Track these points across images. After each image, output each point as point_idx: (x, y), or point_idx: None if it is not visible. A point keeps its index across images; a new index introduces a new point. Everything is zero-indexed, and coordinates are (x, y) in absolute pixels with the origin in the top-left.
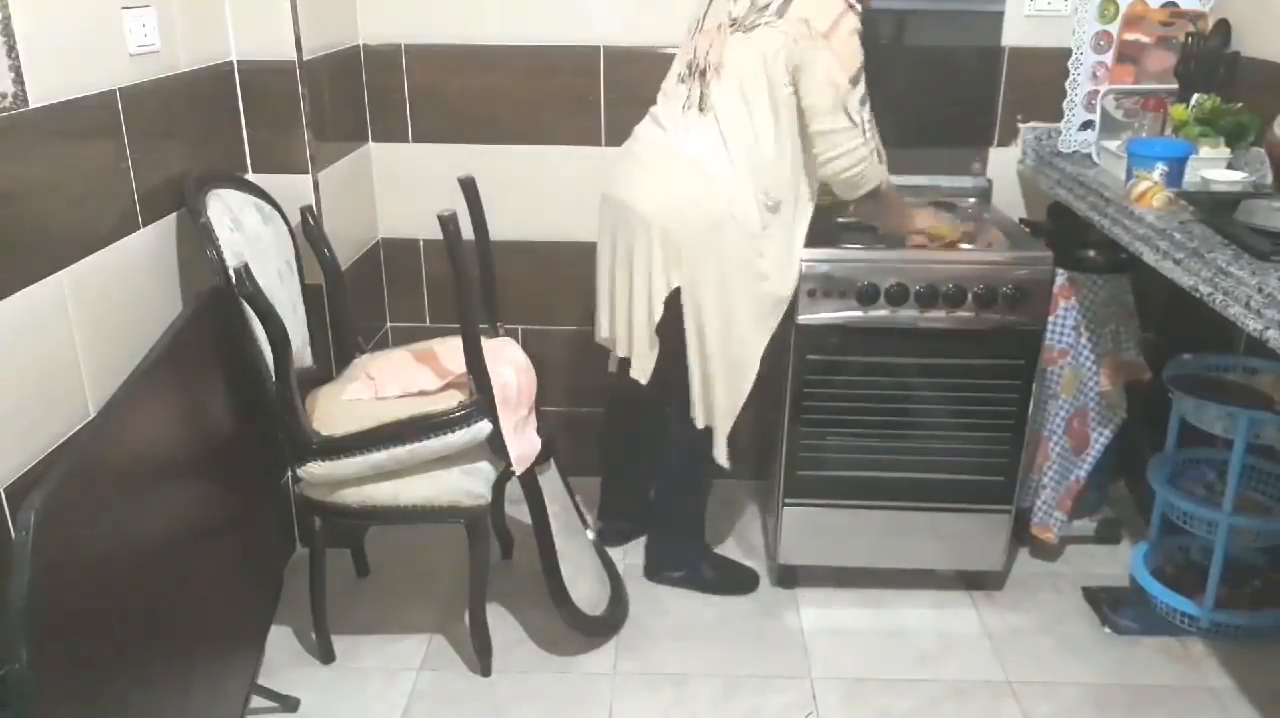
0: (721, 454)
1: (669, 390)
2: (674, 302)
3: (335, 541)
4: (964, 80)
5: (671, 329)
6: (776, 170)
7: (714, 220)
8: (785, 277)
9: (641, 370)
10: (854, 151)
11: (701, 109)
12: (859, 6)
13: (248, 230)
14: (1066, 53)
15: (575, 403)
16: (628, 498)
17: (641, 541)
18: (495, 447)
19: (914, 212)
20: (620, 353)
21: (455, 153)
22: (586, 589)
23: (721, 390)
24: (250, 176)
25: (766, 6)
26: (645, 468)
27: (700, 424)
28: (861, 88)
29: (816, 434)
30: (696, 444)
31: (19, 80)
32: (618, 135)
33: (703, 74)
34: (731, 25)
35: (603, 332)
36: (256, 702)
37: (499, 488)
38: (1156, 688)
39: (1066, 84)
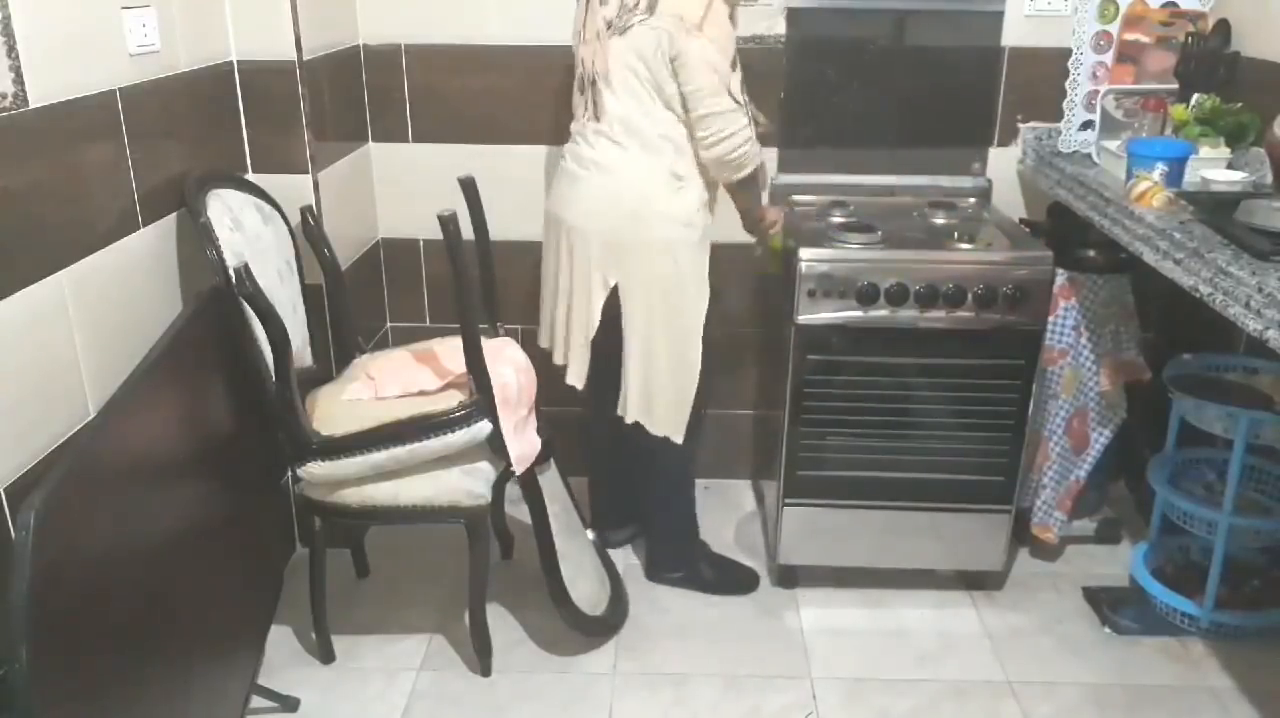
0: (670, 427)
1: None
2: (611, 304)
3: (335, 540)
4: (964, 80)
5: (613, 332)
6: (680, 157)
7: (632, 212)
8: (700, 250)
9: (577, 376)
10: (739, 133)
11: (598, 117)
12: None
13: (248, 230)
14: (1066, 53)
15: (575, 403)
16: (617, 507)
17: (641, 541)
18: (495, 447)
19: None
20: (558, 361)
21: (455, 153)
22: (586, 589)
23: (665, 369)
24: (250, 177)
25: (635, 6)
26: (629, 473)
27: (631, 418)
28: (739, 71)
29: (816, 434)
30: (675, 447)
31: (19, 80)
32: None
33: (593, 83)
34: (608, 29)
35: (542, 342)
36: (256, 702)
37: (499, 488)
38: (1156, 688)
39: (1066, 84)
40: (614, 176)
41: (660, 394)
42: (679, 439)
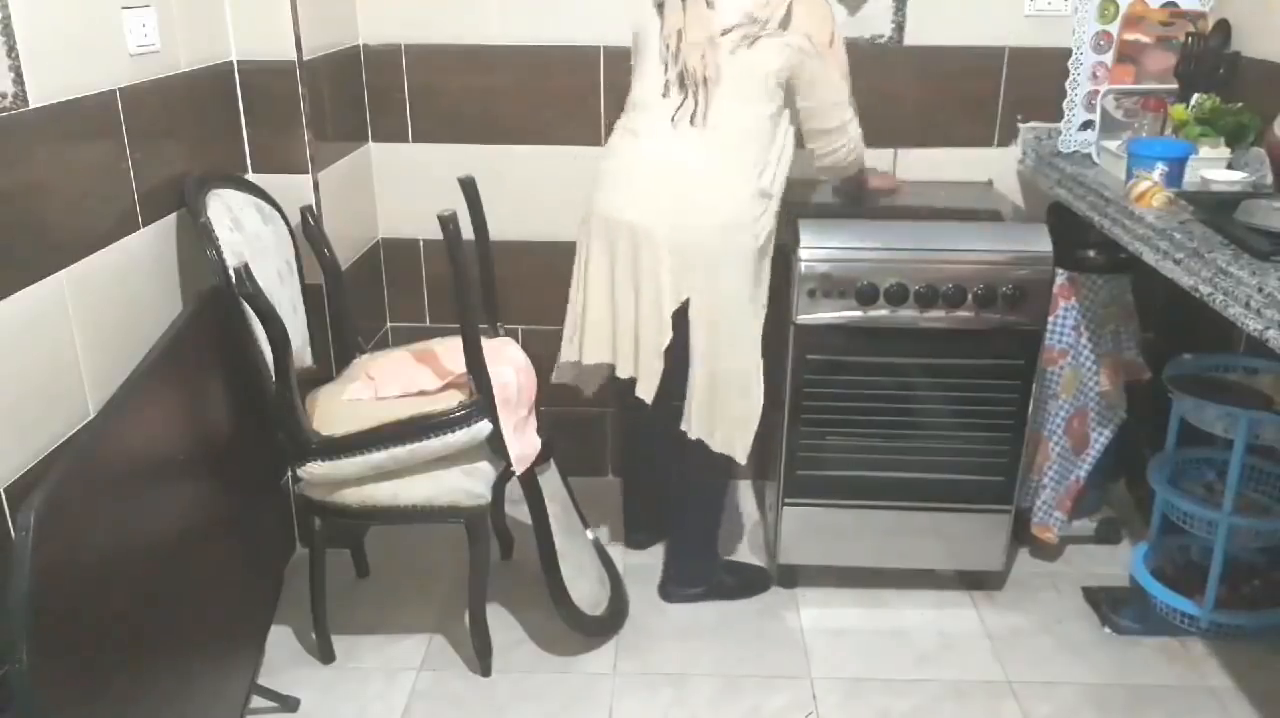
0: (742, 454)
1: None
2: (679, 317)
3: (335, 541)
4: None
5: (675, 345)
6: (774, 172)
7: (719, 226)
8: (768, 258)
9: (648, 390)
10: (856, 145)
11: (696, 121)
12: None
13: (248, 230)
14: (1066, 53)
15: (575, 403)
16: (649, 510)
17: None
18: (495, 447)
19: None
20: (624, 373)
21: (455, 153)
22: (586, 589)
23: (736, 396)
24: (250, 177)
25: (767, 21)
26: (665, 481)
27: (694, 435)
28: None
29: (816, 434)
30: (716, 463)
31: (19, 80)
32: None
33: (699, 85)
34: (723, 35)
35: (592, 356)
36: (256, 702)
37: (499, 488)
38: (1156, 688)
39: (1066, 84)
40: (708, 184)
41: (725, 411)
42: (743, 460)
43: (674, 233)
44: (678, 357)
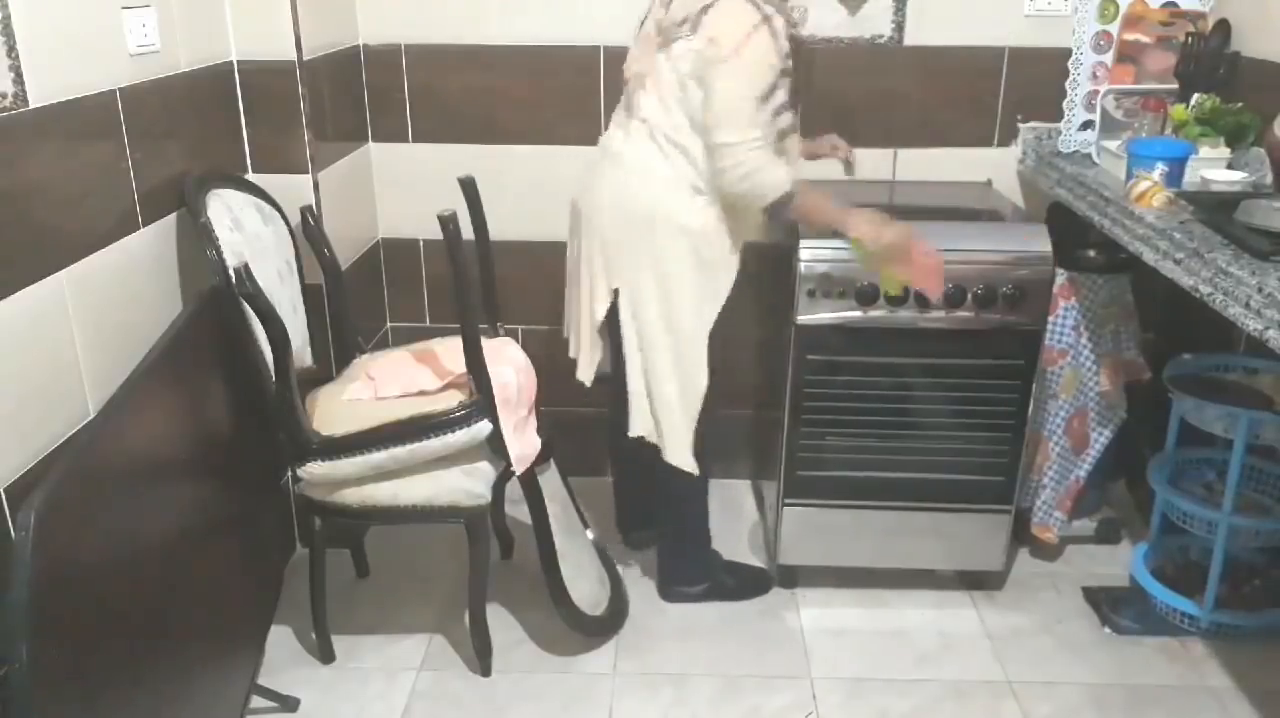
0: (682, 457)
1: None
2: (615, 306)
3: (335, 541)
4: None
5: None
6: (700, 174)
7: (644, 217)
8: (728, 266)
9: (585, 372)
10: (751, 166)
11: (630, 114)
12: (777, 22)
13: (248, 230)
14: (1066, 53)
15: (575, 403)
16: (641, 507)
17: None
18: (495, 447)
19: (842, 215)
20: (572, 353)
21: (455, 153)
22: (586, 589)
23: (674, 392)
24: (250, 177)
25: (684, 21)
26: (649, 477)
27: (634, 432)
28: (773, 101)
29: (816, 434)
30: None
31: (19, 80)
32: None
33: (630, 81)
34: (658, 35)
35: (566, 333)
36: (256, 702)
37: (499, 488)
38: (1156, 688)
39: (1066, 84)
40: (634, 173)
41: (666, 416)
42: (694, 471)
43: (604, 219)
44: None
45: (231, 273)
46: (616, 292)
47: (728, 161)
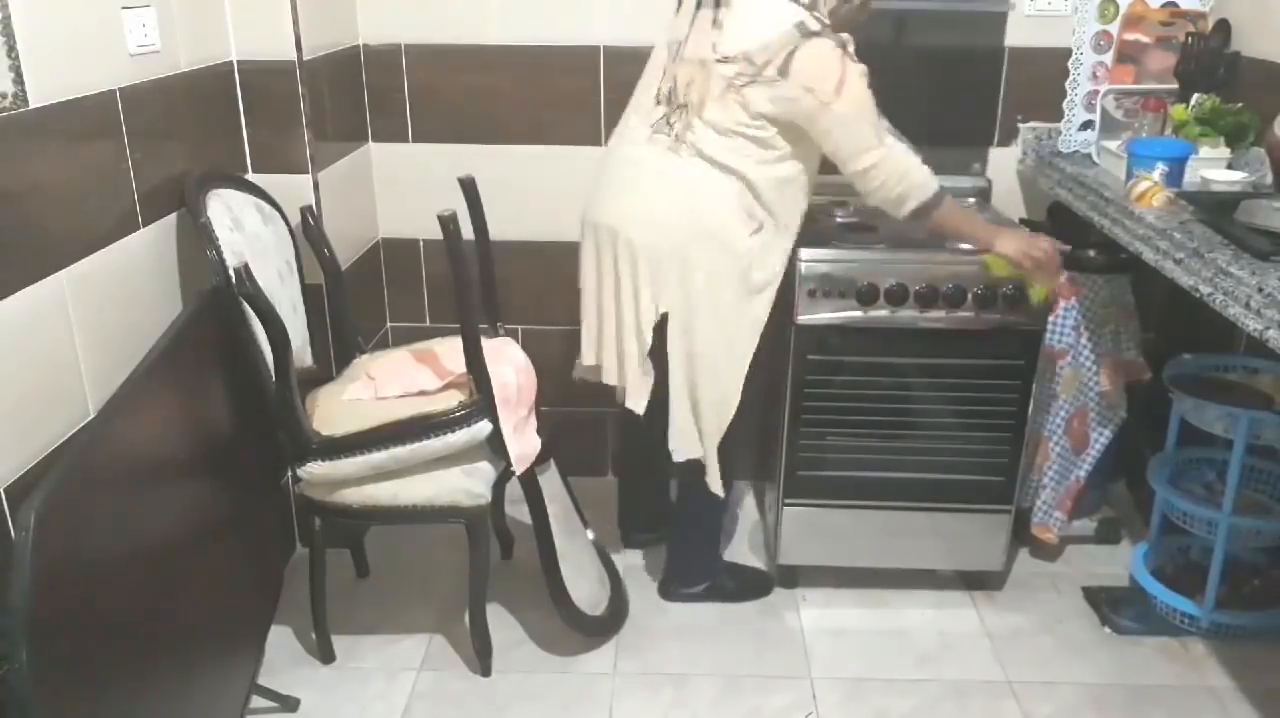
0: (715, 482)
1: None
2: (661, 326)
3: (335, 541)
4: (964, 80)
5: (660, 355)
6: (756, 200)
7: (697, 234)
8: (770, 292)
9: (636, 401)
10: (903, 171)
11: (679, 137)
12: (851, 48)
13: (248, 230)
14: (1066, 53)
15: (575, 403)
16: (646, 509)
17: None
18: (495, 447)
19: (993, 231)
20: (610, 381)
21: (455, 153)
22: (586, 589)
23: (709, 416)
24: (250, 177)
25: (765, 66)
26: (661, 477)
27: (680, 457)
28: (882, 118)
29: (816, 434)
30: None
31: (19, 80)
32: None
33: (683, 108)
34: (719, 63)
35: (587, 359)
36: (256, 702)
37: (499, 488)
38: (1156, 688)
39: (1066, 84)
40: (688, 193)
41: (708, 439)
42: (722, 494)
43: (646, 240)
44: (662, 366)
45: (231, 273)
46: (663, 313)
47: (876, 181)
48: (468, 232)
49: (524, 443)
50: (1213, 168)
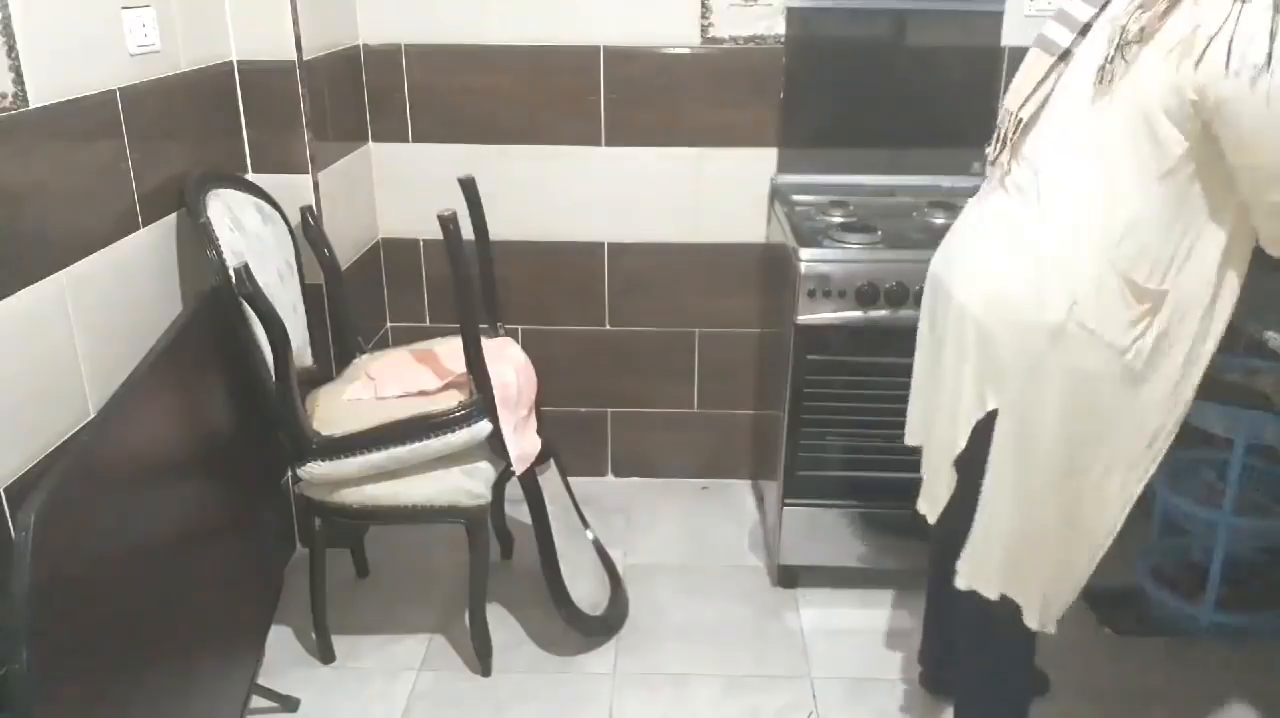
0: (1034, 617)
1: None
2: (985, 426)
3: (335, 541)
4: (963, 80)
5: (974, 460)
6: (1167, 264)
7: (1050, 327)
8: (1169, 406)
9: (930, 505)
10: None
11: (1009, 175)
12: None
13: (248, 230)
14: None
15: (575, 403)
16: (945, 645)
17: (647, 543)
18: (495, 447)
19: None
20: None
21: (455, 153)
22: (586, 589)
23: (1061, 550)
24: (250, 177)
25: (1141, 30)
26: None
27: (993, 591)
28: None
29: (816, 434)
30: (998, 618)
31: (19, 80)
32: (618, 135)
33: (1006, 131)
34: (1097, 65)
35: (912, 438)
36: (256, 702)
37: (499, 488)
38: (1156, 688)
39: None
40: (1037, 258)
41: (1038, 574)
42: (1038, 625)
43: (982, 317)
44: (974, 476)
45: (231, 273)
46: (992, 413)
47: None
48: (468, 232)
49: (524, 443)
50: None
